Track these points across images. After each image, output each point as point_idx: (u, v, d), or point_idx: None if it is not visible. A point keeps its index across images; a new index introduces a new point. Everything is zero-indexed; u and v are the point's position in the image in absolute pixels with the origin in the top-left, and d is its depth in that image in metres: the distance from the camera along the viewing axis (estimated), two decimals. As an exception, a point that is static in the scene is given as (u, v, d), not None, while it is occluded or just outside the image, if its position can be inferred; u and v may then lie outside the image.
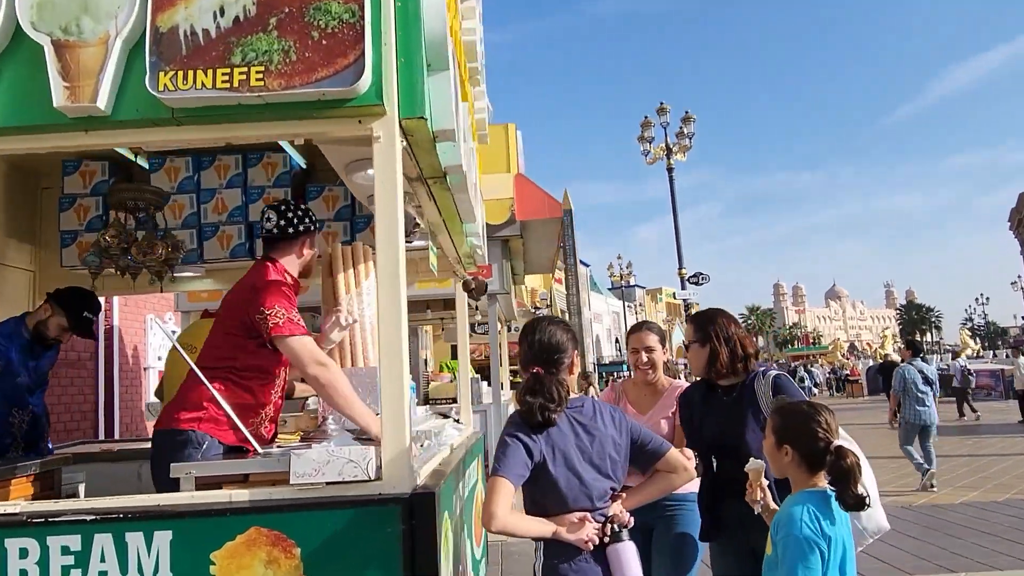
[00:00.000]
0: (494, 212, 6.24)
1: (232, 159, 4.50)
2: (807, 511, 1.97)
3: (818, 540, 1.93)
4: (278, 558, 1.92)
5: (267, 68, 1.98)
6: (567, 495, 1.99)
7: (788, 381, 2.62)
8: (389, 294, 2.06)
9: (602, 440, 2.08)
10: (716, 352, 2.64)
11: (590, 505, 2.01)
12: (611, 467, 2.08)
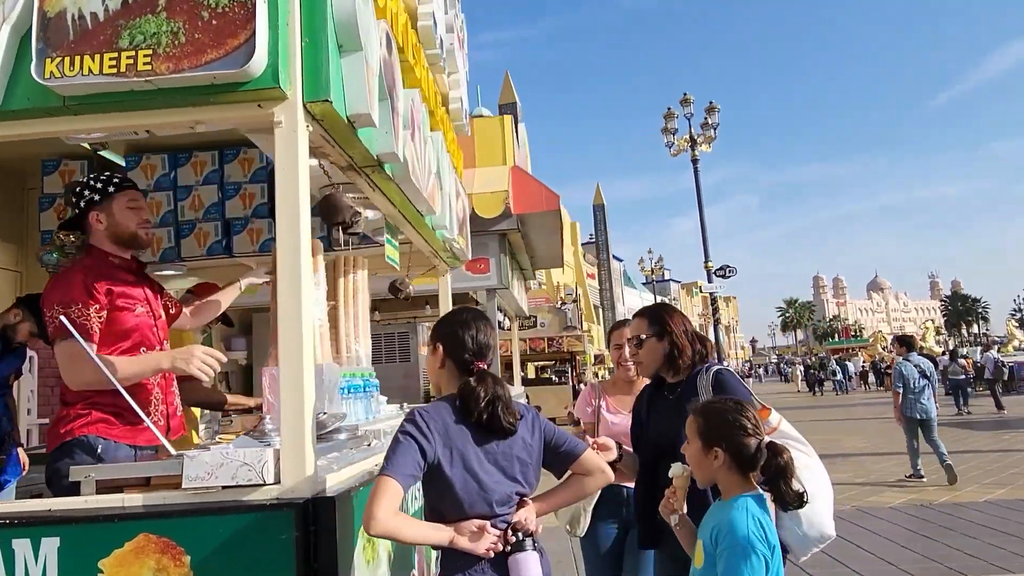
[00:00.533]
0: (488, 205, 6.12)
1: (208, 155, 4.44)
2: (751, 518, 1.83)
3: (764, 549, 1.80)
4: (167, 566, 1.83)
5: (155, 51, 1.88)
6: (463, 499, 1.85)
7: (731, 376, 2.47)
8: (289, 288, 1.95)
9: (510, 441, 1.95)
10: (678, 346, 2.48)
11: (489, 511, 1.87)
12: (519, 470, 1.94)
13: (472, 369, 1.96)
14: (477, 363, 1.97)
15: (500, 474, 1.90)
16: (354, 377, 3.30)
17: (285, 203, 1.97)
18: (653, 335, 2.51)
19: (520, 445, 1.96)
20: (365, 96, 2.16)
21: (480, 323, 2.03)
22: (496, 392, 1.91)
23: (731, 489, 1.92)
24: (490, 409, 1.88)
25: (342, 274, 3.62)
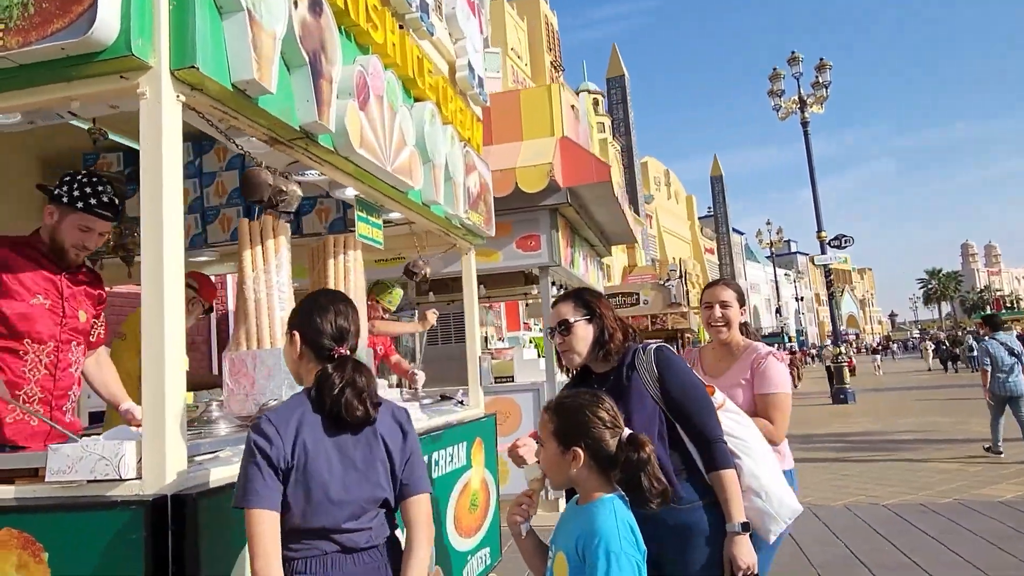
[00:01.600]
0: (532, 179, 5.85)
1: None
2: (621, 522, 1.70)
3: (636, 555, 1.68)
4: (27, 562, 1.76)
5: (7, 26, 1.80)
6: (297, 507, 1.64)
7: (672, 353, 2.21)
8: (151, 272, 1.82)
9: (371, 443, 1.74)
10: (608, 329, 2.23)
11: (332, 524, 1.66)
12: (384, 476, 1.74)
13: (332, 356, 1.77)
14: (337, 349, 1.78)
15: (357, 482, 1.70)
16: (337, 361, 3.18)
17: (148, 181, 1.83)
18: (583, 318, 2.25)
19: (382, 447, 1.75)
20: (250, 61, 1.99)
21: (339, 305, 1.83)
22: (353, 379, 1.71)
23: (591, 491, 1.78)
24: (342, 397, 1.68)
25: (331, 255, 3.51)
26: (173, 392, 1.80)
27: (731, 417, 2.30)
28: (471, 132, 4.29)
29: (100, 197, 2.60)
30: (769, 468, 2.23)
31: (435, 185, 3.47)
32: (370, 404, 1.72)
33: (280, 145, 2.44)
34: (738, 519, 2.06)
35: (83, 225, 2.56)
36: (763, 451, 2.27)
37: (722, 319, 2.79)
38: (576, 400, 1.86)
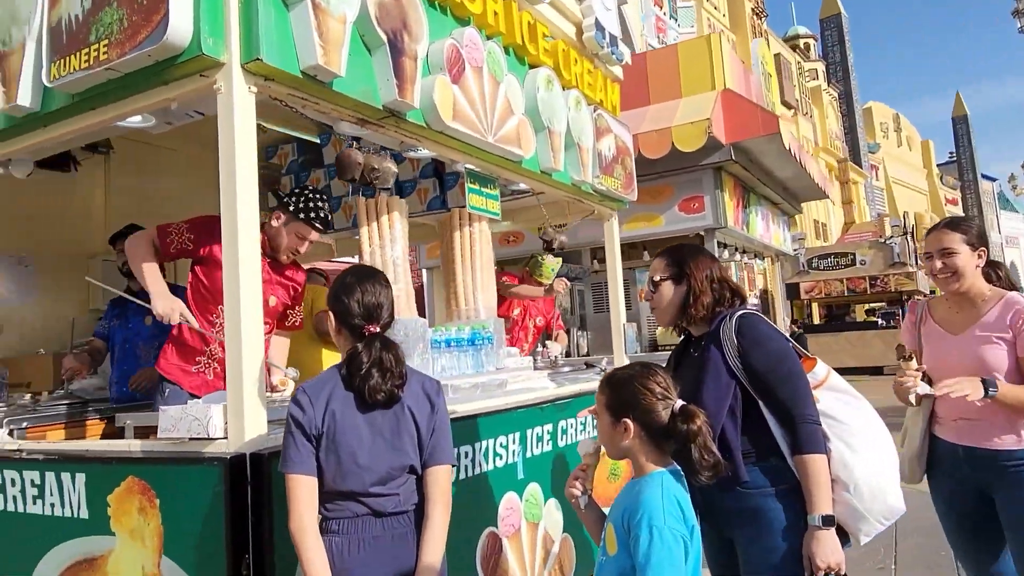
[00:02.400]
0: (688, 138, 5.54)
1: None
2: (666, 495, 1.65)
3: (682, 529, 1.63)
4: (146, 507, 2.05)
5: (110, 40, 2.05)
6: (332, 471, 1.72)
7: (758, 320, 1.98)
8: (229, 250, 2.00)
9: (398, 414, 1.78)
10: (694, 292, 2.06)
11: (361, 488, 1.73)
12: (410, 446, 1.77)
13: (363, 334, 1.82)
14: (367, 327, 1.83)
15: (385, 450, 1.75)
16: (460, 331, 3.28)
17: (226, 170, 2.01)
18: (669, 278, 2.09)
19: (410, 418, 1.79)
20: (315, 47, 2.09)
21: (367, 283, 1.87)
22: (380, 358, 1.76)
23: (643, 464, 1.74)
24: (370, 376, 1.74)
25: (457, 228, 3.62)
26: (251, 362, 1.97)
27: (836, 396, 2.03)
28: (603, 94, 4.16)
29: (319, 212, 2.99)
30: (870, 459, 1.94)
31: (553, 152, 3.41)
32: (393, 386, 1.77)
33: (370, 125, 2.54)
34: (820, 511, 1.83)
35: (300, 233, 2.98)
36: (869, 438, 1.97)
37: (947, 269, 2.36)
38: (627, 372, 1.81)
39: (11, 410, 3.11)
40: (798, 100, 26.99)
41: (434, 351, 3.15)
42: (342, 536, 1.73)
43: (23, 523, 2.33)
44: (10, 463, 2.36)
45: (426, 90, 2.59)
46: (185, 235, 2.82)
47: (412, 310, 3.07)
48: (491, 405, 2.95)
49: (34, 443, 2.49)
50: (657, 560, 1.55)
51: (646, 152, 5.67)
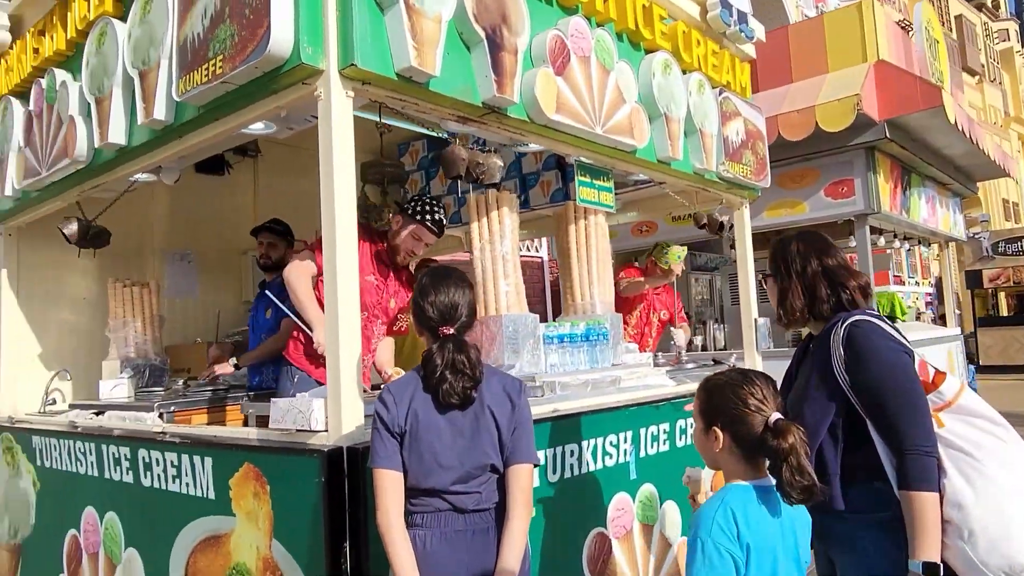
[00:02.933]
0: (833, 117, 5.09)
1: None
2: (724, 509, 1.59)
3: (731, 546, 1.54)
4: (259, 492, 2.18)
5: (224, 55, 2.18)
6: (416, 468, 1.75)
7: (872, 328, 1.78)
8: (328, 248, 2.08)
9: (477, 414, 1.76)
10: (784, 290, 1.90)
11: (442, 486, 1.75)
12: (490, 444, 1.75)
13: (439, 335, 1.83)
14: (442, 328, 1.83)
15: (465, 449, 1.75)
16: (574, 326, 3.24)
17: (326, 172, 2.08)
18: (769, 274, 1.94)
19: (490, 418, 1.77)
20: (408, 49, 2.12)
21: (441, 285, 1.87)
22: (452, 360, 1.75)
23: (728, 476, 1.67)
24: (444, 379, 1.74)
25: (572, 221, 3.57)
26: (348, 359, 2.04)
27: (966, 422, 1.75)
28: (730, 75, 3.92)
29: (434, 216, 3.28)
30: (994, 501, 1.65)
31: (671, 140, 3.27)
32: (465, 388, 1.77)
33: (472, 123, 2.55)
34: (922, 556, 1.60)
35: (416, 235, 3.27)
36: (999, 476, 1.67)
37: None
38: (723, 378, 1.74)
39: (167, 395, 3.44)
40: (984, 65, 24.22)
41: (547, 347, 3.13)
42: (425, 529, 1.76)
43: (165, 499, 2.57)
44: (155, 444, 2.61)
45: (528, 84, 2.56)
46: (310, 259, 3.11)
47: (522, 305, 3.06)
48: (600, 402, 2.89)
49: (174, 427, 2.73)
50: (695, 572, 1.53)
51: (786, 134, 5.31)
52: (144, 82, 2.55)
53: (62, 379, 3.78)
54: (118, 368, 3.71)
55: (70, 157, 2.90)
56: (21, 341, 3.84)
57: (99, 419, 3.09)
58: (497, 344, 2.92)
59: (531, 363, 2.99)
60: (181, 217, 4.55)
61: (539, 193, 4.70)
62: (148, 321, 3.87)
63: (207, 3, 2.26)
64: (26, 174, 3.28)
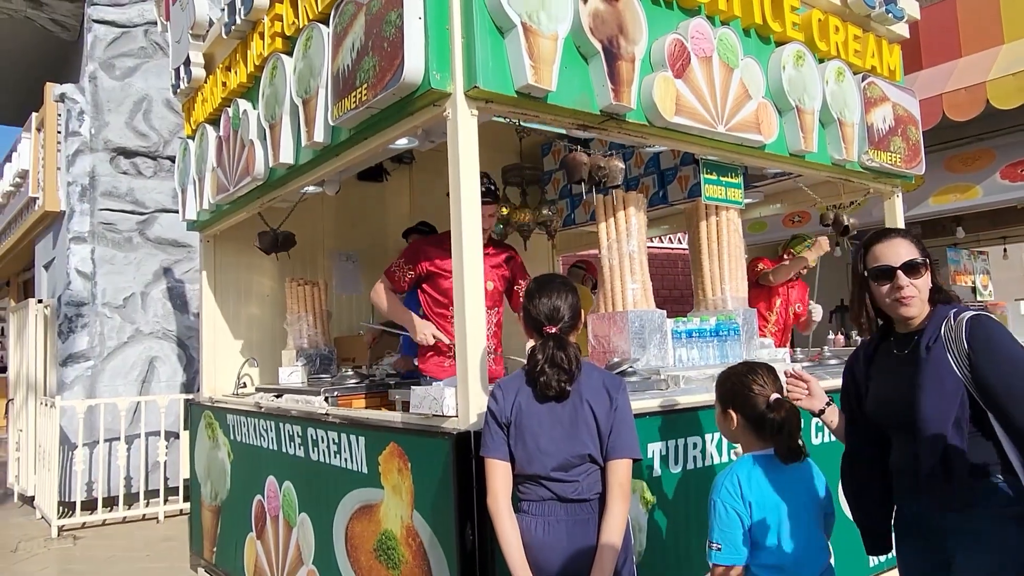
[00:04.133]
0: (1006, 93, 4.67)
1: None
2: (731, 476, 2.01)
3: (735, 504, 1.96)
4: (402, 469, 2.48)
5: (368, 84, 2.48)
6: (521, 456, 1.93)
7: (994, 324, 1.74)
8: (456, 250, 2.31)
9: (576, 406, 1.90)
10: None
11: (543, 472, 1.92)
12: (587, 436, 1.90)
13: (543, 333, 1.99)
14: (545, 328, 1.99)
15: (564, 437, 1.90)
16: (704, 321, 3.30)
17: (455, 185, 2.32)
18: (923, 262, 1.87)
19: (588, 411, 1.91)
20: (526, 68, 2.30)
21: (546, 289, 2.02)
22: (552, 355, 1.91)
23: (746, 449, 2.08)
24: (543, 372, 1.91)
25: (703, 218, 3.61)
26: (474, 352, 2.27)
27: None
28: (876, 59, 3.75)
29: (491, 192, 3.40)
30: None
31: (803, 133, 3.21)
32: (561, 381, 1.93)
33: (592, 129, 2.69)
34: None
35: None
36: None
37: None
38: (733, 369, 2.15)
39: (334, 380, 3.89)
40: None
41: (676, 342, 3.21)
42: (531, 516, 1.95)
43: (329, 471, 2.95)
44: (321, 424, 3.00)
45: (646, 89, 2.66)
46: (405, 268, 3.42)
47: (649, 302, 3.15)
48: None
49: (336, 409, 3.12)
50: (711, 522, 2.00)
51: (952, 114, 4.92)
52: (306, 109, 2.93)
53: (251, 366, 4.35)
54: (294, 356, 4.23)
55: (251, 175, 3.37)
56: (219, 333, 4.47)
57: (278, 401, 3.57)
58: (623, 338, 3.05)
59: (657, 357, 3.09)
60: (347, 222, 5.05)
61: (677, 188, 4.72)
62: (318, 315, 4.36)
63: (355, 38, 2.57)
64: (218, 190, 3.83)
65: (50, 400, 6.21)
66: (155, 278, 6.85)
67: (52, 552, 5.31)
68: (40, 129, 7.29)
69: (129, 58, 7.07)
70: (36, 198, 7.24)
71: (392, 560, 2.53)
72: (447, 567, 2.25)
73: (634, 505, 2.55)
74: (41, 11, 7.61)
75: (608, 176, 2.87)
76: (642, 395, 2.76)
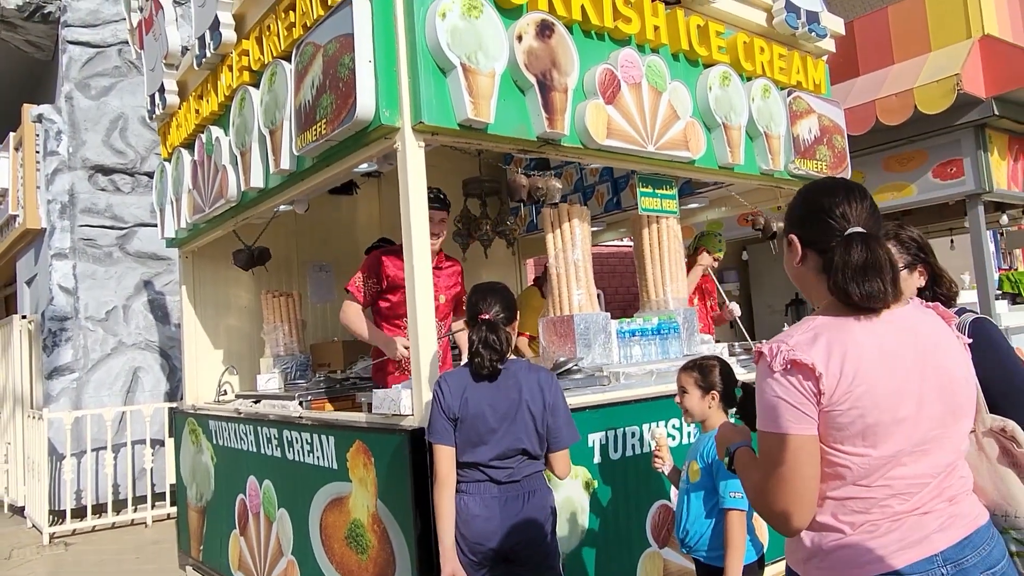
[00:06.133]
0: (931, 99, 5.01)
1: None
2: None
3: None
4: (367, 463, 2.76)
5: (326, 119, 2.76)
6: (460, 443, 2.22)
7: (994, 328, 1.94)
8: (408, 262, 2.60)
9: (515, 400, 2.20)
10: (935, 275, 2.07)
11: (481, 460, 2.22)
12: (523, 430, 2.20)
13: (478, 320, 2.28)
14: (480, 315, 2.30)
15: (504, 433, 2.20)
16: (647, 321, 3.61)
17: (406, 205, 2.60)
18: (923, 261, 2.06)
19: (526, 410, 2.20)
20: (466, 104, 2.59)
21: (484, 289, 2.37)
22: (485, 337, 2.21)
23: (715, 422, 2.42)
24: (478, 353, 2.21)
25: (645, 225, 3.91)
26: (427, 357, 2.56)
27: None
28: (801, 75, 4.08)
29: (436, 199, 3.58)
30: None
31: (730, 147, 3.53)
32: (495, 361, 2.23)
33: (531, 152, 2.99)
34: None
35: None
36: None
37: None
38: (710, 361, 2.54)
39: (308, 386, 4.16)
40: None
41: (620, 341, 3.51)
42: (468, 495, 2.24)
43: (303, 469, 3.23)
44: (295, 426, 3.28)
45: (579, 115, 2.96)
46: (367, 281, 3.61)
47: (594, 306, 3.45)
48: (659, 390, 3.23)
49: (307, 412, 3.40)
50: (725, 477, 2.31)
51: (885, 119, 5.26)
52: (272, 139, 3.20)
53: (230, 374, 4.61)
54: (272, 364, 4.50)
55: (225, 197, 3.63)
56: (199, 343, 4.72)
57: (256, 406, 3.84)
58: (570, 339, 3.35)
59: (602, 355, 3.39)
60: (319, 234, 5.31)
61: (629, 195, 5.03)
62: (294, 325, 4.63)
63: (314, 76, 2.85)
64: (194, 210, 4.09)
65: (37, 412, 6.42)
66: (136, 291, 7.07)
67: (45, 558, 5.54)
68: (18, 148, 7.48)
69: (104, 77, 7.27)
70: (16, 216, 7.43)
71: (361, 545, 2.82)
72: (406, 548, 2.54)
73: (577, 489, 2.85)
74: (15, 32, 7.78)
75: (546, 195, 3.17)
76: (585, 391, 3.06)
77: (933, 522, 1.31)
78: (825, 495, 1.34)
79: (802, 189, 1.52)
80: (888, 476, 1.30)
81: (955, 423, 1.35)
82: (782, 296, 7.97)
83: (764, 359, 1.35)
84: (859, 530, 1.32)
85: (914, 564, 1.29)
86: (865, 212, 1.40)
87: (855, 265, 1.33)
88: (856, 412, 1.28)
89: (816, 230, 1.41)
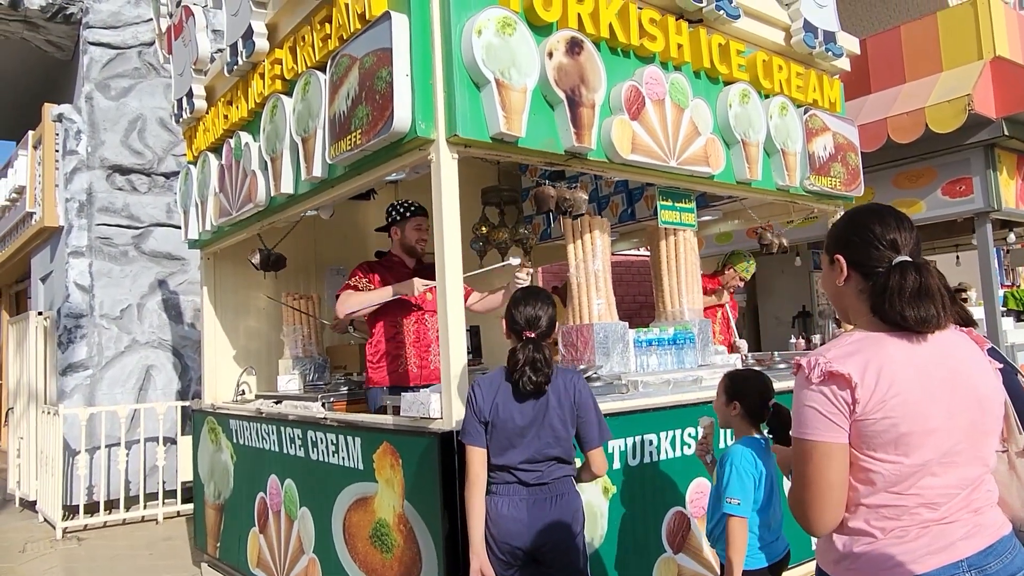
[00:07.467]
0: (943, 119, 5.10)
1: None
2: (748, 450, 2.46)
3: (752, 471, 2.42)
4: (395, 465, 2.84)
5: (361, 130, 2.85)
6: (493, 447, 2.30)
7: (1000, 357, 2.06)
8: (440, 271, 2.68)
9: (544, 406, 2.27)
10: None
11: (512, 463, 2.30)
12: (552, 436, 2.28)
13: (522, 337, 2.36)
14: (525, 332, 2.36)
15: (535, 435, 2.27)
16: (663, 331, 3.69)
17: (439, 215, 2.69)
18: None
19: (554, 411, 2.27)
20: (499, 118, 2.67)
21: (529, 300, 2.39)
22: (531, 357, 2.28)
23: (740, 432, 2.55)
24: (523, 372, 2.27)
25: (662, 237, 4.00)
26: (457, 363, 2.64)
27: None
28: (817, 93, 4.17)
29: (410, 208, 3.92)
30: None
31: (748, 164, 3.61)
32: (540, 380, 2.28)
33: (558, 165, 3.07)
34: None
35: (415, 225, 3.91)
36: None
37: None
38: (746, 373, 2.64)
39: (329, 387, 4.24)
40: None
41: (637, 349, 3.59)
42: (498, 496, 2.32)
43: (327, 469, 3.30)
44: (319, 427, 3.36)
45: (605, 130, 3.04)
46: (363, 280, 3.79)
47: (613, 316, 3.53)
48: (676, 399, 3.31)
49: (333, 413, 3.47)
50: (735, 479, 2.39)
51: (896, 137, 5.35)
52: (305, 147, 3.28)
53: (249, 374, 4.69)
54: (291, 365, 4.57)
55: (253, 202, 3.72)
56: (219, 344, 4.80)
57: (278, 407, 3.92)
58: (589, 348, 3.43)
59: (620, 364, 3.47)
60: (337, 238, 5.40)
61: (644, 206, 5.13)
62: (312, 327, 4.71)
63: (350, 87, 2.93)
64: (220, 213, 4.17)
65: (52, 408, 6.50)
66: (151, 290, 7.15)
67: (58, 552, 5.61)
68: (37, 147, 7.57)
69: (124, 79, 7.37)
70: (33, 213, 7.52)
71: (386, 545, 2.89)
72: (433, 547, 2.61)
73: (596, 494, 2.93)
74: (37, 32, 7.88)
75: (573, 206, 3.25)
76: (604, 398, 3.14)
77: (959, 530, 1.39)
78: (859, 502, 1.42)
79: (851, 212, 1.60)
80: (919, 485, 1.38)
81: (983, 438, 1.43)
82: (789, 308, 8.05)
83: (802, 371, 1.43)
84: (889, 535, 1.40)
85: (940, 569, 1.37)
86: (912, 241, 1.50)
87: (911, 291, 1.41)
88: (890, 421, 1.36)
89: (865, 254, 1.50)
